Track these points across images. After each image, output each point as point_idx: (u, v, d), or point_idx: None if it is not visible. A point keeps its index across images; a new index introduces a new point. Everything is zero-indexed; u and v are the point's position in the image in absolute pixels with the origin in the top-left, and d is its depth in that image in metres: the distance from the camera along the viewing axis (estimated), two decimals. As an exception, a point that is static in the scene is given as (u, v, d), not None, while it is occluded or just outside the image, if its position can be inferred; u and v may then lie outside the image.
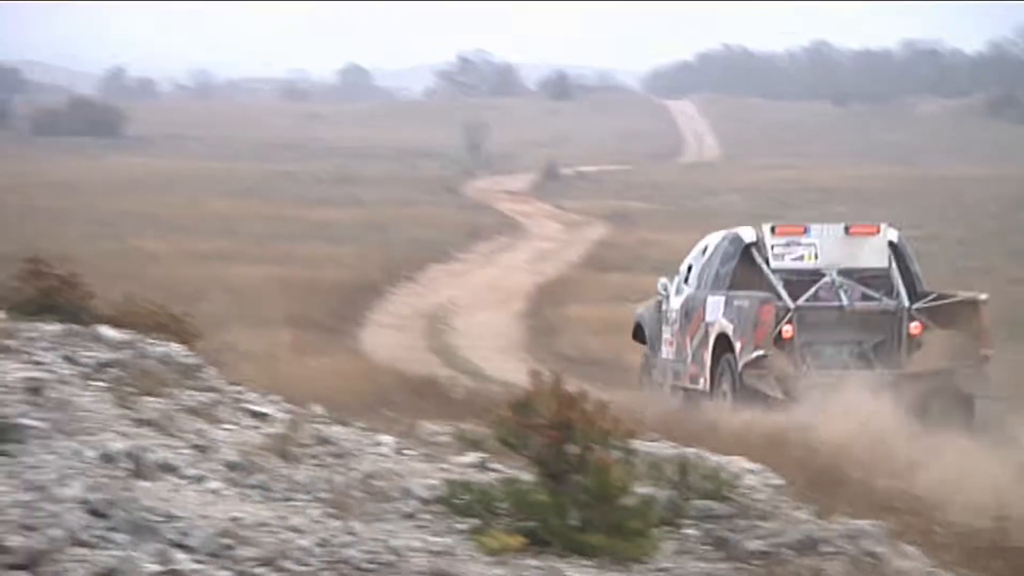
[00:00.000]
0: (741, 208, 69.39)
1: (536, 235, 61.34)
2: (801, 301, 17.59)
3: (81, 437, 8.59)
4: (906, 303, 17.72)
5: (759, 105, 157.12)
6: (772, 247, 18.18)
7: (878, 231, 18.44)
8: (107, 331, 13.19)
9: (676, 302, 19.50)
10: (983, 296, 17.79)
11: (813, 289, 17.83)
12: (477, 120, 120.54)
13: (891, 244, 18.34)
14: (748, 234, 18.79)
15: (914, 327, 17.45)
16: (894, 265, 18.12)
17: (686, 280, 19.55)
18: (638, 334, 21.18)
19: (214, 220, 58.23)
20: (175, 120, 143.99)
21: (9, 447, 7.73)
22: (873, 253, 18.14)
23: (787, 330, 17.11)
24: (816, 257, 18.10)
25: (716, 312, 18.01)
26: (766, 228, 18.59)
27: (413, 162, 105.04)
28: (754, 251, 18.41)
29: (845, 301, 17.75)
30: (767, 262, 18.12)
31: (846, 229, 18.55)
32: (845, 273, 18.01)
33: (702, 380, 17.96)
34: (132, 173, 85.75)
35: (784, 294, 17.64)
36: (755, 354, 16.91)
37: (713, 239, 19.60)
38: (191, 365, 12.46)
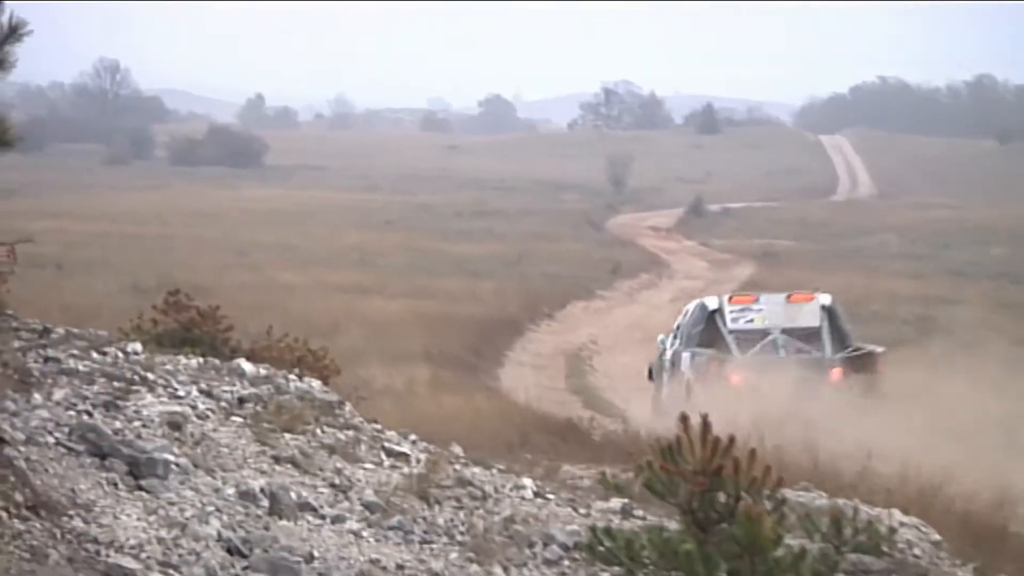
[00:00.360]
0: (896, 248, 68.60)
1: (681, 273, 61.14)
2: (748, 355, 22.28)
3: (220, 473, 8.73)
4: (829, 354, 22.37)
5: (917, 141, 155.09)
6: (729, 312, 23.09)
7: (813, 298, 23.38)
8: (245, 365, 13.39)
9: (668, 355, 24.09)
10: (880, 349, 22.82)
11: (759, 345, 22.59)
12: (621, 153, 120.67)
13: (823, 308, 23.14)
14: (712, 303, 23.64)
15: (835, 372, 21.83)
16: (825, 324, 22.80)
17: (675, 337, 24.15)
18: (651, 376, 25.91)
19: (352, 252, 58.96)
20: (313, 149, 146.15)
21: (149, 482, 7.88)
22: (808, 315, 22.94)
23: (735, 378, 21.40)
24: (764, 320, 22.93)
25: (687, 364, 22.71)
26: (725, 298, 23.72)
27: (554, 196, 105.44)
28: (716, 316, 23.13)
29: (783, 354, 22.47)
30: (725, 324, 22.93)
31: (787, 297, 23.55)
32: (787, 332, 22.80)
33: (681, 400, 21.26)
34: (270, 203, 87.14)
35: (735, 349, 22.49)
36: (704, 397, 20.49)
37: (691, 305, 24.55)
38: (329, 401, 12.60)
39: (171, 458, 8.40)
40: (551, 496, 10.64)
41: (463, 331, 37.66)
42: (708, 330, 23.14)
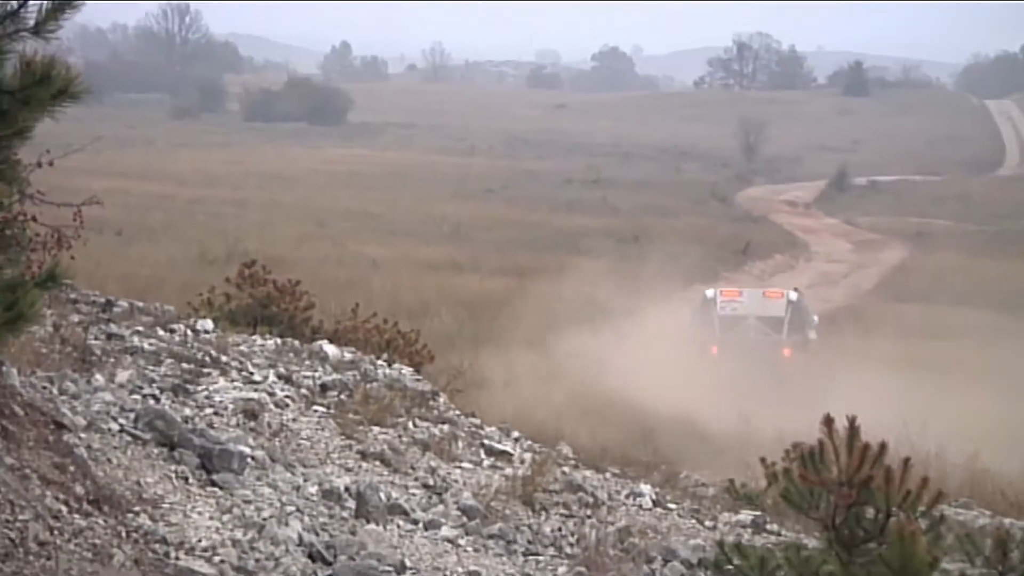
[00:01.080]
0: (1073, 232, 67.60)
1: (820, 255, 60.73)
2: (725, 334, 32.56)
3: (301, 469, 8.82)
4: (784, 337, 32.71)
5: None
6: (719, 302, 33.42)
7: (783, 294, 33.95)
8: (328, 348, 13.52)
9: (686, 328, 33.80)
10: (813, 335, 33.57)
11: (736, 328, 32.78)
12: (754, 117, 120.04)
13: (789, 301, 33.44)
14: (711, 293, 34.20)
15: (786, 351, 32.23)
16: (788, 315, 33.10)
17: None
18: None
19: (445, 223, 59.16)
20: (405, 106, 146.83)
21: (222, 477, 7.97)
22: (776, 307, 33.27)
23: (714, 350, 31.96)
24: (743, 309, 33.18)
25: (690, 337, 32.75)
26: (718, 291, 34.41)
27: (677, 164, 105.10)
28: (711, 303, 33.45)
29: (751, 335, 32.68)
30: (715, 310, 33.21)
31: (763, 293, 34.56)
32: (759, 319, 33.02)
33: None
34: (354, 165, 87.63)
35: (718, 330, 32.82)
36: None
37: (699, 294, 35.21)
38: (422, 391, 12.69)
39: (247, 450, 8.50)
40: (672, 505, 10.64)
41: (570, 314, 37.65)
42: (706, 313, 33.61)
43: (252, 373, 11.14)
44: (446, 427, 11.40)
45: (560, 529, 9.18)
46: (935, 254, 59.06)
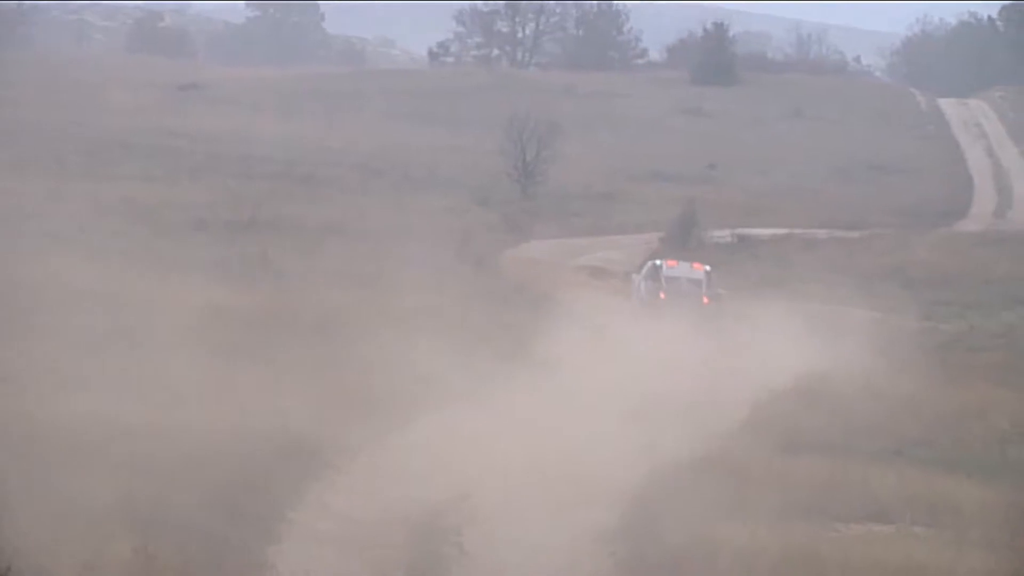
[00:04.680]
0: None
1: (649, 366, 60.81)
2: (668, 286, 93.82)
3: None
4: (703, 291, 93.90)
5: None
6: (664, 268, 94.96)
7: (702, 267, 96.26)
8: None
9: (638, 283, 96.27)
10: (724, 291, 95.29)
11: (675, 283, 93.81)
12: (537, 117, 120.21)
13: (706, 272, 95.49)
14: (658, 262, 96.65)
15: (704, 298, 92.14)
16: (705, 279, 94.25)
17: (641, 276, 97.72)
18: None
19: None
20: None
21: None
22: (698, 274, 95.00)
23: (663, 295, 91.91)
24: (679, 272, 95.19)
25: (644, 288, 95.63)
26: (665, 261, 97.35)
27: (399, 196, 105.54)
28: (660, 269, 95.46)
29: (683, 288, 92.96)
30: (662, 273, 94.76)
31: (691, 265, 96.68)
32: (687, 279, 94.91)
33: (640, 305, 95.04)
34: None
35: (664, 284, 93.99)
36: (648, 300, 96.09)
37: (648, 263, 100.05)
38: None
39: None
40: None
41: (198, 472, 37.31)
42: (655, 274, 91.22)
43: None
44: None
45: None
46: (850, 367, 59.65)
